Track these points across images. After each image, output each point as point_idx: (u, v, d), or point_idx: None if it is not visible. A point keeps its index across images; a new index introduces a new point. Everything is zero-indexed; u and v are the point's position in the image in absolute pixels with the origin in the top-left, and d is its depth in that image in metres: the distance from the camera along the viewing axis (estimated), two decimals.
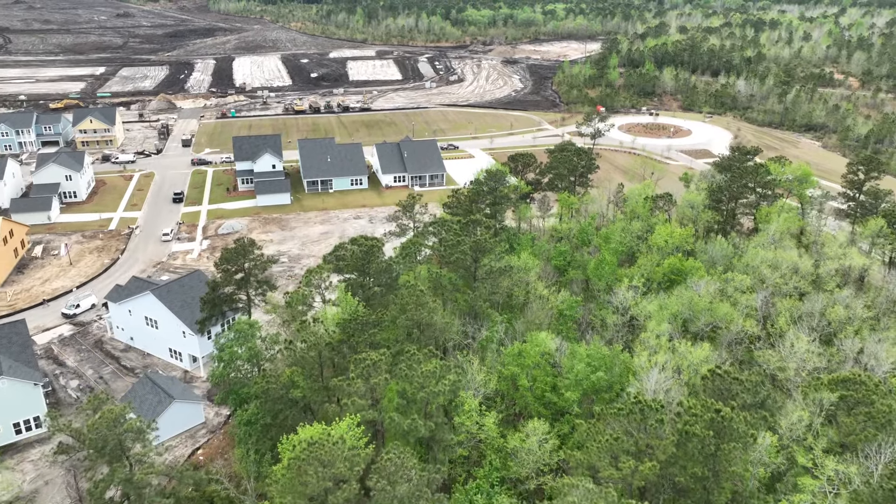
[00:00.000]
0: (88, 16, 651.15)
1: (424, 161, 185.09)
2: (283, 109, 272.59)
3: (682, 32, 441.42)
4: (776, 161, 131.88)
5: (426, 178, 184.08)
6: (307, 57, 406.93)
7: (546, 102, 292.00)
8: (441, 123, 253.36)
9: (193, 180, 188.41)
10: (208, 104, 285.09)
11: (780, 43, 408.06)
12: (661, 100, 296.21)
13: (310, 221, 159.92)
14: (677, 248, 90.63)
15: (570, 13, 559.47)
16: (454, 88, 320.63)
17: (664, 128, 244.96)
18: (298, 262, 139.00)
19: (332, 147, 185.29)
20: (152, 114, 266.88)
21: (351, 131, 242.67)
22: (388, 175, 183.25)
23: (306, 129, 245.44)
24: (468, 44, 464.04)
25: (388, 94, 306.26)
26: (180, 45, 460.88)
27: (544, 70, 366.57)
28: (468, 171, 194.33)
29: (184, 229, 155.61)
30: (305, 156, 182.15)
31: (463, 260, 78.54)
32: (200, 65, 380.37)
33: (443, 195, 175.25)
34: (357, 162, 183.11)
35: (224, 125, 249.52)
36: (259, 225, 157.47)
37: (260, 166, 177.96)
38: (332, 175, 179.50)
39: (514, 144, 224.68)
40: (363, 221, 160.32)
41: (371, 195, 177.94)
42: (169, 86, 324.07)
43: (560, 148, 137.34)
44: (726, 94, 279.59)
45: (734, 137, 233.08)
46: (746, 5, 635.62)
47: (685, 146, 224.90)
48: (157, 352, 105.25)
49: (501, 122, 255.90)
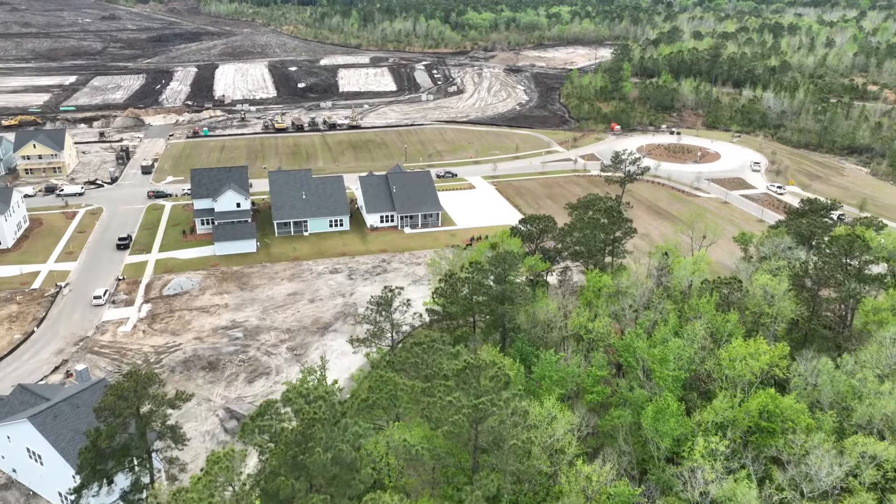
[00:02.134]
0: (73, 18, 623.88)
1: (416, 197, 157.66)
2: (262, 127, 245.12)
3: (696, 38, 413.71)
4: (868, 225, 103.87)
5: (418, 217, 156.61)
6: (296, 64, 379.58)
7: (554, 118, 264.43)
8: (438, 144, 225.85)
9: (147, 219, 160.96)
10: (181, 120, 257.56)
11: (801, 50, 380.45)
12: (682, 115, 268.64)
13: (276, 277, 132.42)
14: (765, 371, 63.67)
15: (576, 16, 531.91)
16: (453, 101, 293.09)
17: (689, 150, 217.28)
18: (256, 337, 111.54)
19: (308, 181, 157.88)
20: (116, 132, 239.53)
21: (336, 154, 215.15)
22: (374, 214, 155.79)
23: (286, 150, 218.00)
24: (468, 50, 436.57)
25: (380, 109, 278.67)
26: (163, 50, 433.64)
27: (550, 79, 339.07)
28: (468, 207, 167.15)
29: (123, 288, 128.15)
30: (276, 192, 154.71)
31: (458, 430, 51.45)
32: (180, 73, 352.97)
33: (439, 240, 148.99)
34: (337, 199, 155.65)
35: (194, 146, 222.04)
36: (214, 282, 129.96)
37: (222, 205, 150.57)
38: (308, 215, 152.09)
39: (520, 171, 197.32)
40: (340, 277, 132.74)
41: (353, 239, 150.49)
42: (142, 97, 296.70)
43: (584, 204, 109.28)
44: (755, 111, 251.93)
45: (770, 163, 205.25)
46: (760, 8, 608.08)
47: (715, 173, 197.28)
48: (44, 492, 77.94)
49: (505, 142, 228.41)
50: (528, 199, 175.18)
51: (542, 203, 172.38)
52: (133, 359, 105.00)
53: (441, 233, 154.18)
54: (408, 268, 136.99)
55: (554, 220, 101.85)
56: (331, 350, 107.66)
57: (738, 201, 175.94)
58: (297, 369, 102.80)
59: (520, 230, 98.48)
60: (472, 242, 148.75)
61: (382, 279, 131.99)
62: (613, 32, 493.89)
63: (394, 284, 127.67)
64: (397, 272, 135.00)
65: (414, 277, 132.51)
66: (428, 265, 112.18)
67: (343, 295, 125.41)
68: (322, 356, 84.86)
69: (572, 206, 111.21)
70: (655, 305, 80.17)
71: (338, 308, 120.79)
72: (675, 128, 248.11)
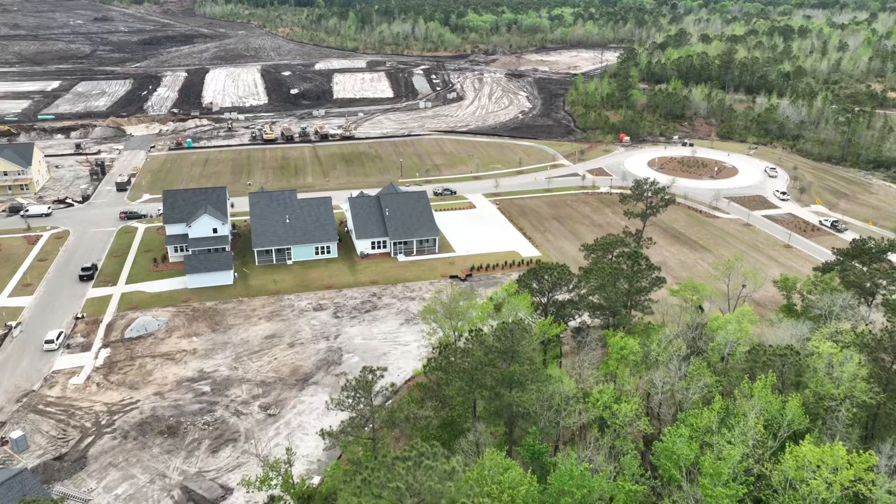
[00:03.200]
0: (64, 19, 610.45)
1: (411, 221, 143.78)
2: (250, 137, 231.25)
3: (704, 41, 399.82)
4: None
5: (413, 243, 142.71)
6: (290, 68, 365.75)
7: (559, 128, 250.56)
8: (436, 157, 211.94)
9: (117, 244, 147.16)
10: (164, 130, 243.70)
11: (814, 54, 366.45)
12: (693, 125, 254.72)
13: (253, 315, 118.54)
14: (846, 488, 49.80)
15: (579, 18, 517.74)
16: (452, 109, 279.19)
17: (704, 164, 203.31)
18: (225, 392, 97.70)
19: (292, 203, 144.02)
20: (94, 143, 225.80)
21: (327, 168, 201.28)
22: (365, 240, 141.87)
23: (273, 164, 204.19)
24: (468, 53, 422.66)
25: (375, 117, 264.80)
26: (153, 53, 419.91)
27: (554, 85, 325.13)
28: (468, 230, 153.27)
29: (81, 329, 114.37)
30: (257, 216, 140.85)
31: None
32: (169, 78, 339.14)
33: (436, 269, 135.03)
34: (324, 223, 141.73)
35: (176, 159, 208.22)
36: (183, 322, 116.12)
37: (197, 230, 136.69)
38: (292, 242, 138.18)
39: (523, 188, 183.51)
40: (325, 315, 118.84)
41: (341, 269, 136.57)
42: (126, 104, 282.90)
43: (602, 245, 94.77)
44: (771, 120, 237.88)
45: (793, 179, 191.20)
46: (767, 10, 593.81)
47: (734, 190, 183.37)
48: None
49: (508, 154, 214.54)
50: (533, 221, 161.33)
51: (549, 225, 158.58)
52: (82, 420, 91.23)
53: (438, 261, 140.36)
54: (400, 303, 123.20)
55: (568, 269, 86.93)
56: (309, 409, 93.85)
57: (761, 223, 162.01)
58: (269, 434, 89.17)
59: (529, 284, 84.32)
60: (472, 273, 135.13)
61: (372, 317, 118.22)
62: (618, 35, 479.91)
63: (384, 325, 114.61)
64: (388, 308, 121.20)
65: (407, 315, 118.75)
66: (421, 316, 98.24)
67: (327, 337, 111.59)
68: (288, 448, 71.06)
69: (588, 248, 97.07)
70: (692, 377, 66.39)
71: (320, 354, 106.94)
72: (688, 139, 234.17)
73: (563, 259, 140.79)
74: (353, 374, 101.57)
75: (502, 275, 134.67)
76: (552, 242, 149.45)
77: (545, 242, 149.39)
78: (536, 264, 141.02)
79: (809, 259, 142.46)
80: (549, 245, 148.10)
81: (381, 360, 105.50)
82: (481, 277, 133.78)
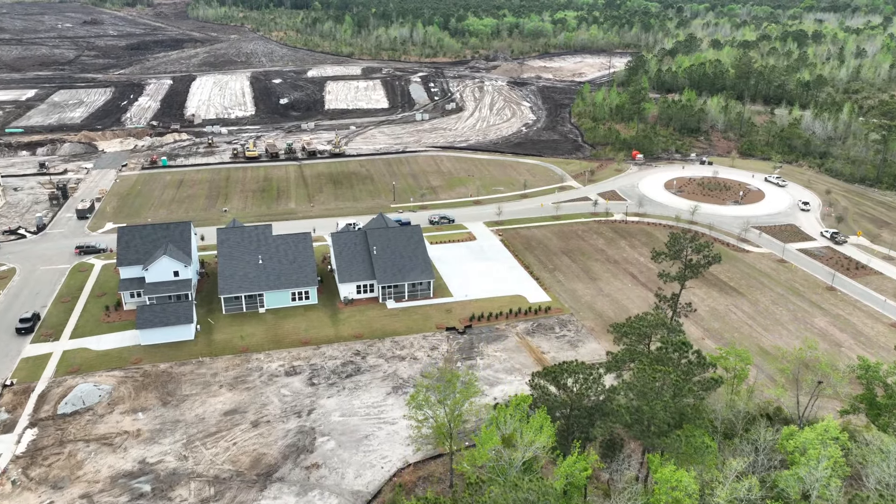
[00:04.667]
0: (53, 23, 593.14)
1: (403, 261, 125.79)
2: (231, 154, 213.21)
3: (715, 47, 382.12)
4: None
5: (404, 287, 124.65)
6: (281, 76, 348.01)
7: (566, 143, 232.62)
8: (432, 178, 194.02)
9: (68, 286, 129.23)
10: (140, 146, 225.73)
11: (831, 60, 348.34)
12: (710, 139, 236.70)
13: (214, 382, 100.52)
14: None
15: (583, 22, 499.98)
16: (451, 122, 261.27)
17: (727, 187, 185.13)
18: (168, 494, 79.58)
19: (266, 240, 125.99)
20: (62, 161, 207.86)
21: (313, 190, 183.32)
22: (349, 284, 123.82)
23: (254, 186, 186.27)
24: (468, 59, 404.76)
25: (368, 131, 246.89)
26: (140, 59, 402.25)
27: (559, 94, 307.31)
28: (468, 267, 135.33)
29: (8, 400, 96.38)
30: (226, 256, 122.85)
31: None
32: (153, 86, 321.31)
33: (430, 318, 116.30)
34: (303, 264, 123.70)
35: (148, 180, 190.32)
36: (130, 391, 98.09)
37: (155, 274, 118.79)
38: (265, 286, 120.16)
39: (529, 215, 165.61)
40: (299, 382, 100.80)
41: (320, 319, 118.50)
42: (104, 116, 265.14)
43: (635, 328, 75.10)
44: (796, 136, 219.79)
45: (827, 206, 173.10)
46: (776, 13, 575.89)
47: (762, 218, 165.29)
48: None
49: (511, 174, 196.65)
50: (541, 256, 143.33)
51: (558, 262, 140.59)
52: None
53: (433, 307, 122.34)
54: (388, 364, 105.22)
55: (596, 371, 66.80)
56: None
57: (798, 258, 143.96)
58: None
59: (546, 397, 65.88)
60: (472, 323, 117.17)
61: (354, 384, 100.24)
62: (624, 40, 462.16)
63: (367, 395, 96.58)
64: (374, 372, 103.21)
65: (395, 381, 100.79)
66: (409, 409, 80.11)
67: (299, 413, 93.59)
68: None
69: (619, 330, 78.02)
70: None
71: (289, 438, 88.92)
72: (706, 156, 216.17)
73: (576, 305, 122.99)
74: (327, 466, 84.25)
75: (506, 326, 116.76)
76: (563, 284, 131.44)
77: (555, 284, 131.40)
78: (546, 312, 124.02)
79: (859, 306, 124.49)
80: (560, 287, 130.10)
81: (363, 444, 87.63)
82: (482, 329, 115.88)
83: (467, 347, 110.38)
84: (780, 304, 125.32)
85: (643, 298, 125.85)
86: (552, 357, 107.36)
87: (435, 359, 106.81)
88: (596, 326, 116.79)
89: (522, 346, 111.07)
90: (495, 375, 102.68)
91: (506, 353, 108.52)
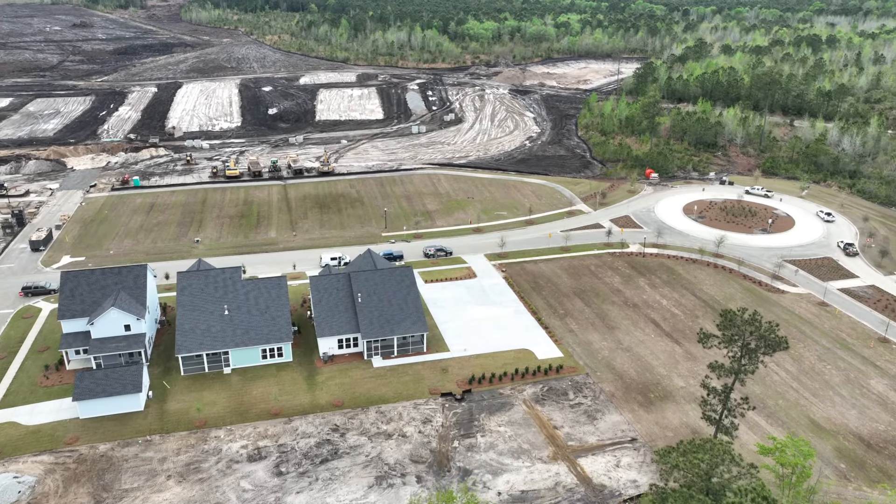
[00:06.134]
0: (41, 26, 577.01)
1: (392, 309, 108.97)
2: (210, 173, 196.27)
3: (726, 53, 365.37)
4: None
5: (394, 342, 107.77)
6: (272, 83, 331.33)
7: (573, 159, 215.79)
8: (428, 200, 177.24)
9: (6, 337, 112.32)
10: (113, 162, 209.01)
11: (849, 67, 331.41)
12: (728, 155, 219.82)
13: (161, 471, 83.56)
14: None
15: (587, 26, 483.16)
16: (450, 134, 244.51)
17: (753, 212, 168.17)
18: None
19: (234, 286, 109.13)
20: (26, 181, 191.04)
21: (296, 216, 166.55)
22: (330, 338, 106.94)
23: (233, 210, 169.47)
24: (469, 65, 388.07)
25: (360, 145, 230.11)
26: (126, 64, 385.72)
27: (564, 103, 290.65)
28: (467, 313, 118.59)
29: None
30: (186, 306, 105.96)
31: None
32: (136, 94, 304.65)
33: (423, 379, 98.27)
34: (275, 315, 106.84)
35: (116, 204, 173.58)
36: (58, 485, 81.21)
37: (102, 328, 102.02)
38: (231, 342, 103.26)
39: (536, 247, 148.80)
40: (263, 471, 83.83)
41: (295, 381, 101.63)
42: (79, 128, 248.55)
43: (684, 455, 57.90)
44: (823, 153, 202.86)
45: (867, 236, 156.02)
46: (785, 17, 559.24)
47: (795, 250, 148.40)
48: None
49: (515, 196, 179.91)
50: (550, 298, 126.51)
51: (570, 305, 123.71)
52: None
53: (426, 366, 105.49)
54: (372, 444, 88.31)
55: None
56: None
57: (840, 301, 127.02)
58: None
59: None
60: (472, 388, 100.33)
61: (329, 473, 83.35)
62: (629, 45, 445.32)
63: (345, 490, 79.50)
64: (354, 456, 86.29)
65: (378, 469, 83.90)
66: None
67: None
68: None
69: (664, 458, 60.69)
70: None
71: None
72: (725, 174, 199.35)
73: (592, 363, 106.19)
74: None
75: (512, 390, 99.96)
76: (576, 334, 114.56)
77: (567, 334, 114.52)
78: (557, 372, 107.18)
79: None
80: (573, 338, 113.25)
81: None
82: (483, 394, 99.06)
83: (466, 420, 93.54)
84: (828, 360, 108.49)
85: (669, 354, 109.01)
86: (566, 433, 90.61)
87: (428, 436, 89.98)
88: (616, 391, 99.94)
89: (531, 417, 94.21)
90: (499, 461, 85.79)
91: (512, 429, 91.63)
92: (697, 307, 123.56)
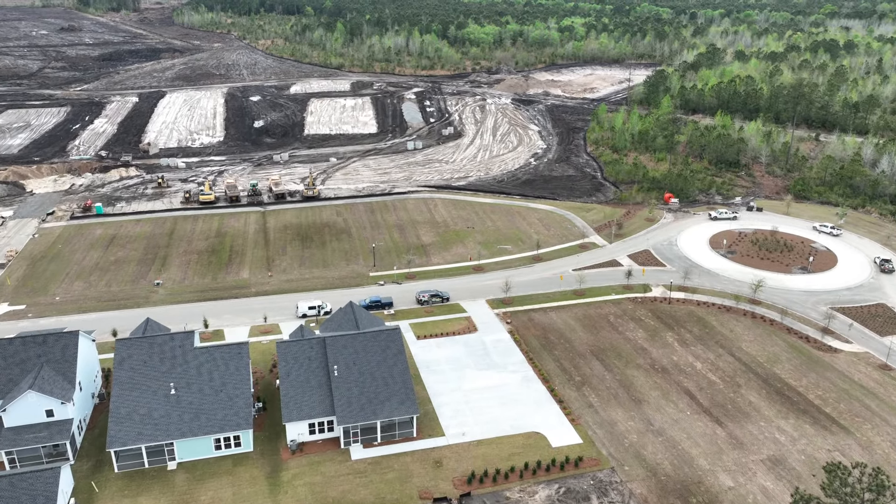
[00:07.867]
0: (27, 29, 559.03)
1: (375, 385, 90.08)
2: (182, 198, 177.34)
3: (740, 59, 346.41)
4: None
5: (377, 427, 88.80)
6: (261, 91, 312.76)
7: (583, 180, 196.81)
8: (423, 231, 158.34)
9: None
10: (77, 185, 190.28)
11: (871, 75, 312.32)
12: (752, 175, 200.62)
13: None
14: None
15: (591, 30, 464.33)
16: (448, 151, 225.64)
17: (789, 247, 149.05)
18: None
19: (185, 357, 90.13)
20: None
21: (274, 251, 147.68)
22: (299, 423, 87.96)
23: (203, 245, 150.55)
24: (469, 72, 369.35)
25: (351, 164, 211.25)
26: (109, 71, 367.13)
27: (570, 115, 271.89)
28: (466, 379, 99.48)
29: None
30: (124, 383, 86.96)
31: None
32: (114, 105, 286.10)
33: (411, 476, 77.53)
34: (232, 395, 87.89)
35: (74, 235, 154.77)
36: None
37: (18, 415, 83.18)
38: (176, 432, 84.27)
39: (544, 290, 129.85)
40: None
41: (254, 480, 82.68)
42: (48, 143, 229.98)
43: None
44: (861, 174, 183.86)
45: None
46: (797, 20, 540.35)
47: (843, 295, 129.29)
48: None
49: (520, 225, 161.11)
50: (564, 359, 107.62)
51: (587, 369, 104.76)
52: None
53: (416, 458, 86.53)
54: None
55: None
56: None
57: None
58: None
59: None
60: (472, 490, 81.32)
61: None
62: (637, 50, 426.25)
63: None
64: None
65: None
66: None
67: None
68: None
69: None
70: None
71: None
72: (752, 198, 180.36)
73: (618, 452, 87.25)
74: None
75: (521, 493, 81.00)
76: (597, 410, 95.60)
77: (585, 410, 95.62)
78: (576, 466, 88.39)
79: None
80: (593, 416, 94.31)
81: None
82: (486, 498, 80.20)
83: None
84: None
85: (710, 439, 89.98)
86: None
87: None
88: (650, 494, 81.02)
89: None
90: None
91: None
92: (738, 372, 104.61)
